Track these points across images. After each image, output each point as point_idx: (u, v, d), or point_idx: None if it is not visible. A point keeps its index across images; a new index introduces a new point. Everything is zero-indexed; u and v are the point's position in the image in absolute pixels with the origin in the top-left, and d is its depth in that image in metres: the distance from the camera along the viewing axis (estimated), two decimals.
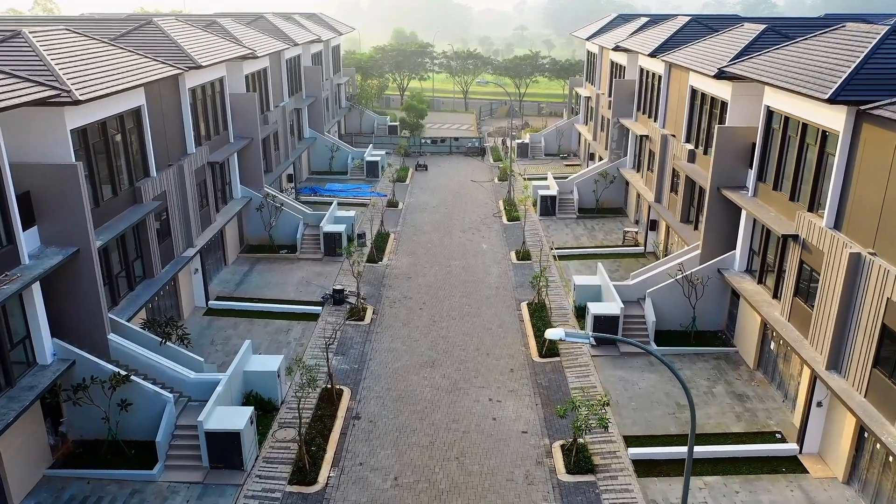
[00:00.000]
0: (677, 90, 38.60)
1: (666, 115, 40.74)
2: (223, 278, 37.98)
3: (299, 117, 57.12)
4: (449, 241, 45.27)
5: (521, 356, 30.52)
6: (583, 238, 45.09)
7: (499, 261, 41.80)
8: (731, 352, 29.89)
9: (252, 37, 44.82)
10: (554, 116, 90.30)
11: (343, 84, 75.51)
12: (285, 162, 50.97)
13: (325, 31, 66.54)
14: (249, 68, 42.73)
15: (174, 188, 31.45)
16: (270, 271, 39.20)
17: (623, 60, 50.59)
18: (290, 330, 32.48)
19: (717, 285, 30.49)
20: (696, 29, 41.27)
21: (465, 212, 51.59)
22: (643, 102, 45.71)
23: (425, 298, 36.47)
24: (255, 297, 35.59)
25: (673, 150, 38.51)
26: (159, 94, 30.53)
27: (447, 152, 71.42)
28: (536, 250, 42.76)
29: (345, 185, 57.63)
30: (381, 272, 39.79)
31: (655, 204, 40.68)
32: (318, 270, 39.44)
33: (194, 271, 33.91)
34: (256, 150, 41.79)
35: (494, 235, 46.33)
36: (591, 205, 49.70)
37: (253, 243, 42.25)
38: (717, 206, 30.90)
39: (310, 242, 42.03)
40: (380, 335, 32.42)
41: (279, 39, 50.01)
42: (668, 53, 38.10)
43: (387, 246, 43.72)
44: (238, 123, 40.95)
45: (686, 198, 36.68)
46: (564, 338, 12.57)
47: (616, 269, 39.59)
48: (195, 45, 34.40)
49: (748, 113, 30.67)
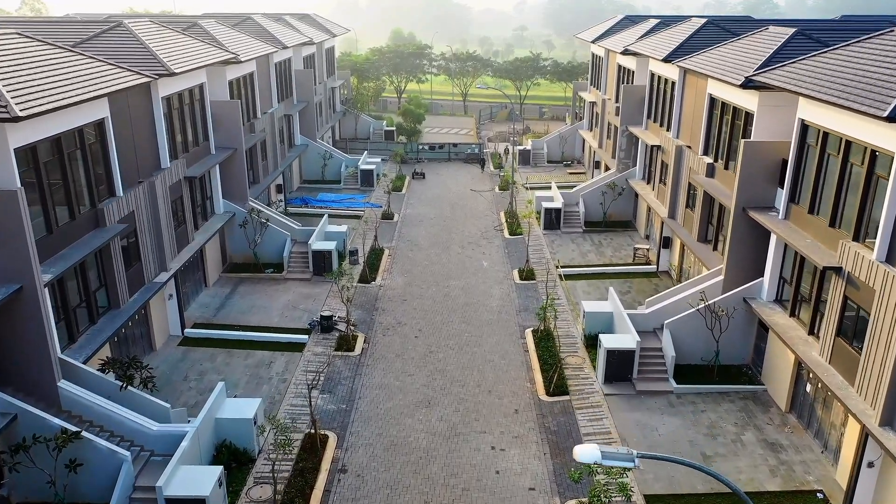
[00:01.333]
0: (693, 98, 35.75)
1: (680, 125, 37.89)
2: (202, 302, 35.07)
3: (290, 124, 54.24)
4: (447, 257, 42.39)
5: (526, 394, 27.64)
6: (590, 255, 42.22)
7: (500, 280, 38.92)
8: (759, 390, 27.01)
9: (237, 40, 41.93)
10: (556, 120, 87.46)
11: (337, 88, 72.65)
12: (274, 172, 48.09)
13: (317, 33, 63.67)
14: (233, 73, 39.85)
15: (144, 207, 28.56)
16: (254, 293, 36.29)
17: (632, 65, 47.74)
18: (272, 363, 29.58)
19: (742, 315, 27.63)
20: (712, 32, 38.39)
21: (465, 224, 48.72)
22: (654, 110, 42.84)
23: (421, 324, 33.58)
24: (235, 325, 32.69)
25: (689, 162, 35.65)
26: (127, 104, 27.66)
27: (445, 159, 68.55)
28: (541, 268, 39.89)
29: (338, 195, 54.73)
30: (373, 294, 36.90)
31: (669, 220, 37.81)
32: (305, 292, 36.54)
33: (168, 297, 31.02)
34: (240, 161, 38.91)
35: (495, 251, 43.45)
36: (598, 218, 46.83)
37: (237, 261, 39.35)
38: (743, 228, 28.04)
39: (298, 261, 39.13)
40: (371, 368, 29.53)
41: (267, 42, 47.14)
42: (684, 59, 35.23)
43: (381, 264, 40.83)
44: (220, 133, 38.04)
45: (704, 215, 33.82)
46: (601, 460, 9.46)
47: (627, 291, 36.72)
48: (170, 50, 31.51)
49: (777, 126, 27.82)
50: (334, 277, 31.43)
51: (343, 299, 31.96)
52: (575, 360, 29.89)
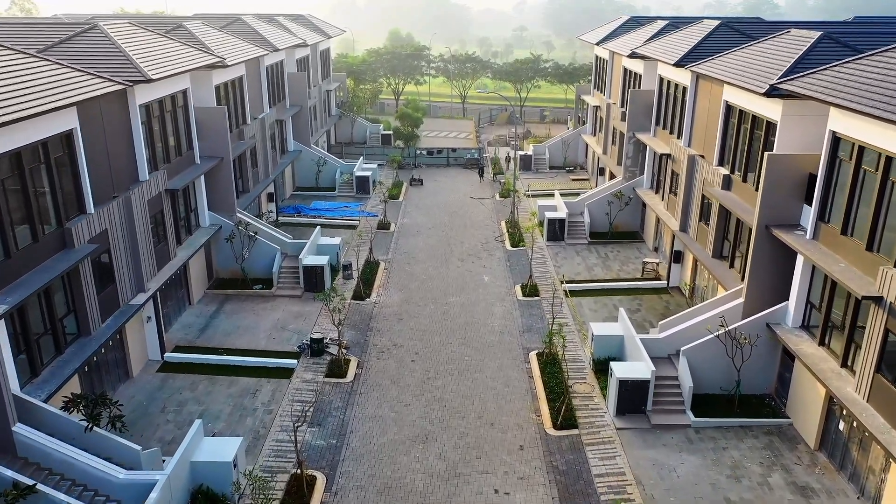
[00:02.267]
0: (707, 105, 33.68)
1: (692, 133, 35.81)
2: (185, 322, 32.94)
3: (282, 129, 52.11)
4: (446, 271, 40.29)
5: (531, 427, 25.53)
6: (596, 269, 40.12)
7: (502, 297, 36.82)
8: (785, 424, 24.92)
9: (224, 42, 39.81)
10: (558, 124, 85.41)
11: (333, 90, 70.53)
12: (265, 180, 45.97)
13: (311, 34, 61.55)
14: (220, 78, 37.73)
15: (119, 225, 26.44)
16: (241, 311, 34.17)
17: (639, 68, 45.68)
18: (258, 391, 27.46)
19: (765, 341, 25.55)
20: (727, 35, 36.30)
21: (464, 235, 46.62)
22: (664, 116, 40.77)
23: (418, 347, 31.48)
24: (220, 348, 30.56)
25: (702, 173, 33.59)
26: (100, 113, 25.53)
27: (444, 164, 66.44)
28: (544, 283, 37.81)
29: (332, 203, 52.60)
30: (368, 312, 34.79)
31: (681, 233, 35.73)
32: (296, 310, 34.42)
33: (146, 320, 28.91)
34: (227, 170, 36.77)
35: (497, 264, 41.35)
36: (604, 228, 44.75)
37: (224, 277, 37.22)
38: (765, 247, 25.97)
39: (288, 276, 37.02)
40: (364, 397, 27.43)
41: (257, 44, 45.01)
42: (698, 63, 33.14)
43: (376, 278, 38.72)
44: (206, 141, 35.91)
45: (719, 230, 31.76)
46: None
47: (636, 309, 34.64)
48: (148, 55, 29.39)
49: (802, 137, 25.77)
50: (325, 298, 29.26)
51: (334, 322, 29.83)
52: (583, 388, 27.81)
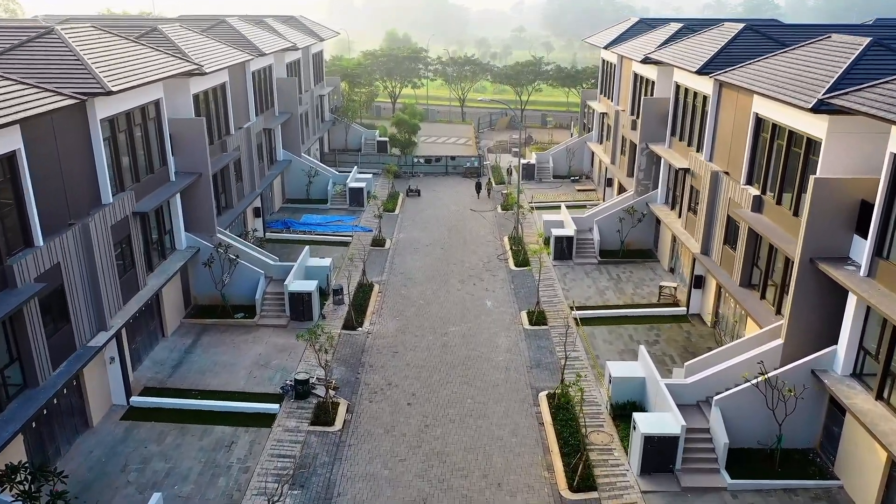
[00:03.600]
0: (732, 117, 30.62)
1: (714, 146, 32.75)
2: (157, 357, 29.79)
3: (271, 138, 48.96)
4: (445, 295, 37.16)
5: (543, 489, 22.43)
6: (608, 292, 37.01)
7: (507, 325, 33.71)
8: (835, 487, 21.83)
9: (204, 47, 36.64)
10: (561, 129, 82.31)
11: (326, 95, 67.36)
12: (251, 194, 42.82)
13: (303, 37, 58.38)
14: (200, 86, 34.58)
15: (76, 257, 23.30)
16: (220, 345, 31.02)
17: (651, 74, 42.59)
18: (233, 443, 24.31)
19: (809, 389, 22.47)
20: (752, 40, 33.21)
21: (465, 252, 43.50)
22: (681, 127, 37.69)
23: (415, 386, 28.37)
24: (194, 389, 27.42)
25: (727, 192, 30.52)
26: (52, 130, 22.38)
27: (443, 173, 63.34)
28: (552, 309, 34.73)
29: (323, 216, 49.45)
30: (360, 344, 31.67)
31: (702, 257, 32.65)
32: (280, 343, 31.29)
33: (109, 361, 25.76)
34: (206, 187, 33.63)
35: (500, 287, 38.23)
36: (615, 246, 41.63)
37: (202, 303, 34.06)
38: (809, 283, 22.87)
39: (273, 303, 33.87)
40: (354, 450, 24.30)
41: (242, 49, 41.85)
42: (724, 71, 30.06)
43: (369, 304, 35.58)
44: (182, 156, 32.78)
45: (748, 256, 28.70)
46: None
47: (654, 340, 31.55)
48: (112, 63, 26.23)
49: (851, 158, 22.69)
50: (309, 336, 26.05)
51: (321, 363, 26.69)
52: (601, 439, 24.71)
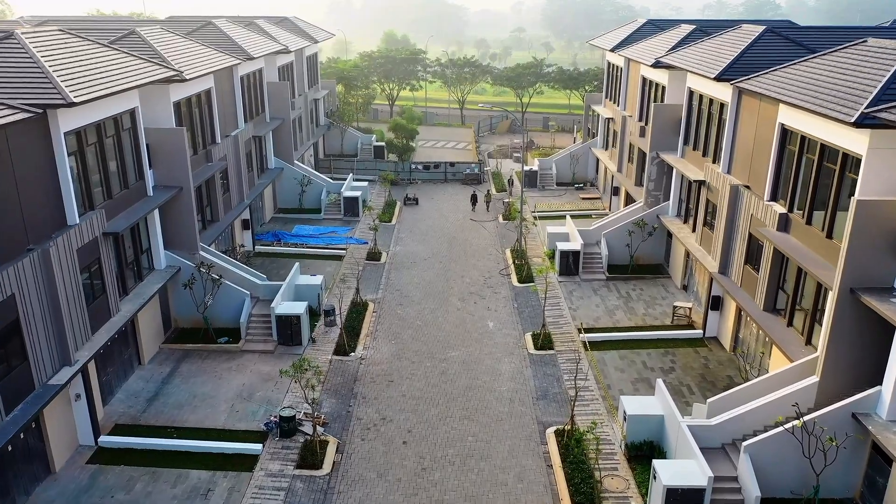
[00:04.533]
0: (753, 126, 28.34)
1: (733, 158, 30.48)
2: (132, 389, 27.47)
3: (261, 145, 46.64)
4: (444, 315, 34.86)
5: None
6: (618, 312, 34.70)
7: (511, 350, 31.41)
8: None
9: (187, 51, 34.32)
10: (563, 133, 79.99)
11: (321, 99, 65.04)
12: (239, 206, 40.51)
13: (296, 39, 56.06)
14: (181, 93, 32.25)
15: (34, 286, 20.98)
16: (201, 373, 28.71)
17: (661, 79, 40.31)
18: (210, 491, 22.00)
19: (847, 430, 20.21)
20: (775, 43, 30.91)
21: (465, 266, 41.20)
22: (695, 135, 35.40)
23: (412, 421, 26.06)
24: (169, 426, 25.11)
25: (748, 207, 28.25)
26: (6, 147, 20.08)
27: (441, 179, 61.05)
28: (559, 331, 32.46)
29: (316, 227, 47.12)
30: (352, 371, 29.39)
31: (720, 277, 30.37)
32: (266, 371, 28.98)
33: (74, 398, 23.44)
34: (188, 201, 31.32)
35: (503, 306, 35.93)
36: (624, 260, 39.32)
37: (184, 326, 31.75)
38: (850, 315, 20.59)
39: (259, 326, 31.56)
40: (344, 498, 21.98)
41: (230, 52, 39.53)
42: (747, 78, 27.76)
43: (363, 325, 33.29)
44: (161, 169, 30.50)
45: (773, 278, 26.42)
46: None
47: (670, 368, 29.27)
48: (77, 70, 23.89)
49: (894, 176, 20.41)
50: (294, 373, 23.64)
51: (307, 400, 24.37)
52: (616, 484, 22.43)
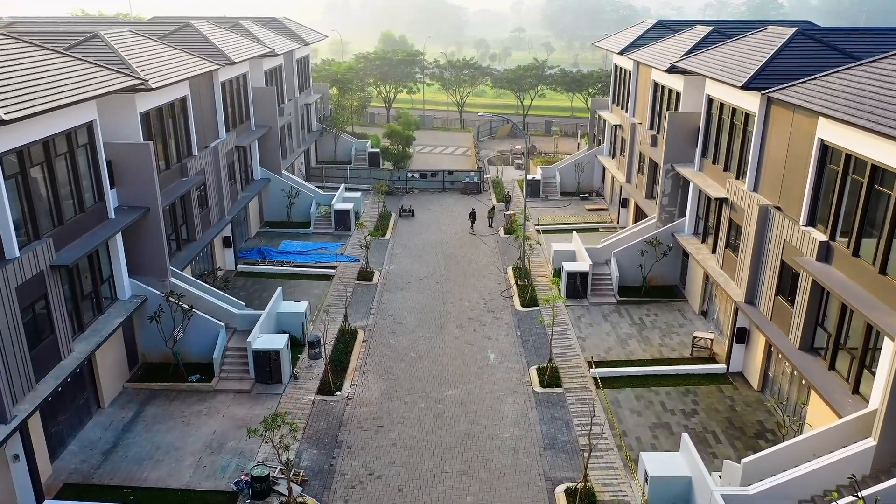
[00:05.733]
0: (785, 141, 25.28)
1: (760, 175, 27.42)
2: (88, 438, 24.38)
3: (245, 156, 43.54)
4: (440, 345, 31.79)
5: None
6: (631, 342, 31.62)
7: (514, 388, 28.34)
8: None
9: (157, 57, 31.20)
10: (567, 138, 76.92)
11: (313, 104, 61.99)
12: (220, 223, 37.43)
13: (285, 41, 52.95)
14: (150, 102, 29.18)
15: None
16: (167, 418, 25.63)
17: (676, 85, 37.25)
18: None
19: None
20: (807, 47, 27.77)
21: (464, 287, 38.10)
22: (715, 148, 32.33)
23: (403, 478, 22.98)
24: (126, 485, 22.02)
25: (781, 232, 25.19)
26: None
27: (439, 188, 57.93)
28: (567, 364, 29.43)
29: (305, 243, 44.05)
30: (337, 414, 26.32)
31: (747, 307, 27.30)
32: (241, 416, 25.91)
33: (13, 459, 20.35)
34: (155, 223, 28.23)
35: (504, 334, 32.85)
36: (636, 281, 36.24)
37: (153, 360, 28.70)
38: None
39: (235, 362, 28.49)
40: None
41: (208, 57, 36.42)
42: (781, 88, 24.68)
43: (351, 357, 30.23)
44: (125, 188, 27.45)
45: (811, 313, 23.38)
46: None
47: (692, 411, 26.19)
48: (14, 82, 20.79)
49: None
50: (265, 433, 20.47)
51: (281, 461, 21.28)
52: None
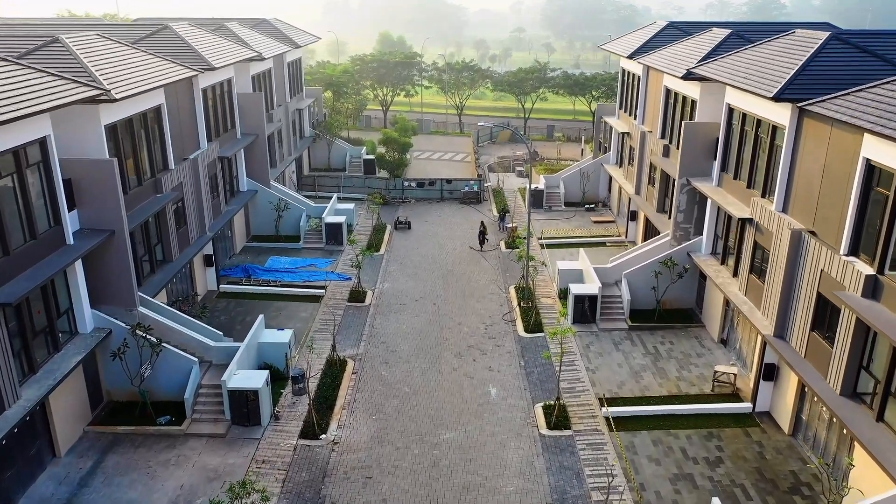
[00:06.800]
0: (822, 158, 22.59)
1: (791, 194, 24.72)
2: (38, 495, 21.62)
3: (230, 167, 40.83)
4: (437, 377, 29.07)
5: None
6: (646, 375, 28.90)
7: (518, 429, 25.61)
8: None
9: (126, 63, 28.47)
10: (570, 143, 74.21)
11: (306, 109, 59.27)
12: (200, 240, 34.71)
13: (274, 44, 50.20)
14: (117, 113, 26.47)
15: None
16: (130, 469, 22.87)
17: (692, 92, 34.55)
18: None
19: None
20: (844, 53, 25.01)
21: (463, 310, 35.37)
22: (737, 162, 29.63)
23: None
24: None
25: (817, 260, 22.49)
26: None
27: (437, 198, 55.19)
28: (575, 400, 26.74)
29: (294, 259, 41.27)
30: (321, 462, 23.59)
31: (776, 341, 24.60)
32: (214, 465, 23.18)
33: None
34: (120, 248, 25.50)
35: (507, 364, 30.14)
36: (648, 304, 33.57)
37: (120, 398, 26.00)
38: None
39: (209, 401, 25.76)
40: None
41: (187, 63, 33.70)
42: (821, 101, 21.94)
43: (339, 393, 27.52)
44: (87, 209, 24.75)
45: (854, 355, 20.69)
46: None
47: (717, 459, 23.47)
48: None
49: None
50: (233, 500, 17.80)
51: None
52: None
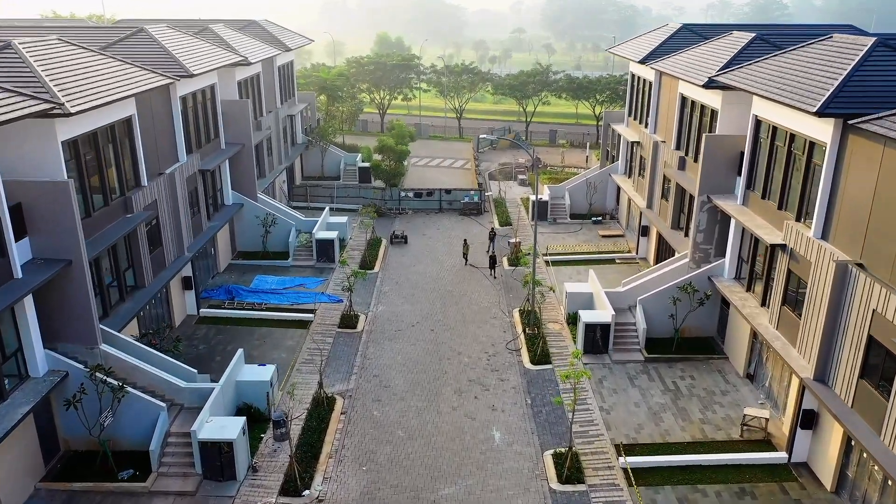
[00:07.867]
0: (871, 183, 19.81)
1: (832, 220, 21.93)
2: None
3: (213, 179, 38.01)
4: (435, 419, 26.24)
5: None
6: (666, 416, 26.10)
7: (526, 482, 22.80)
8: None
9: (89, 71, 25.62)
10: (574, 149, 71.39)
11: (298, 114, 56.43)
12: (177, 261, 31.91)
13: (262, 47, 47.35)
14: (77, 128, 23.65)
15: None
16: None
17: (712, 101, 31.78)
18: None
19: None
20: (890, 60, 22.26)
21: (463, 337, 32.55)
22: (766, 181, 26.81)
23: None
24: None
25: (866, 298, 19.70)
26: None
27: (436, 209, 52.35)
28: (588, 446, 23.93)
29: (282, 279, 38.45)
30: None
31: (818, 386, 21.80)
32: None
33: None
34: (79, 278, 22.66)
35: (512, 402, 27.32)
36: (665, 332, 30.80)
37: (77, 448, 23.17)
38: None
39: (179, 451, 22.91)
40: None
41: (160, 69, 30.87)
42: (876, 118, 19.13)
43: (325, 438, 24.71)
44: (40, 236, 21.93)
45: None
46: None
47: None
48: None
49: None
50: None
51: None
52: None
